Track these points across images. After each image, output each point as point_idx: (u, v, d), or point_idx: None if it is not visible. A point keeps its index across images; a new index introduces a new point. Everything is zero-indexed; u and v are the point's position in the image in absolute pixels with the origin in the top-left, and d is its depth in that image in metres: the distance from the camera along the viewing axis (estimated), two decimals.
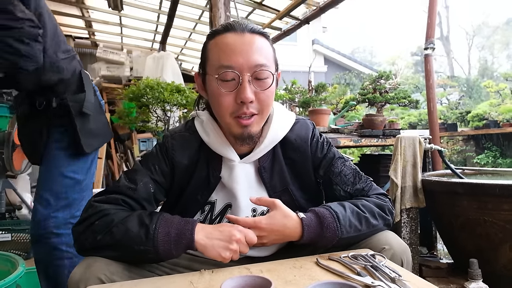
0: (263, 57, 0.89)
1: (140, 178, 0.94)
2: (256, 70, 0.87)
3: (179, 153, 0.99)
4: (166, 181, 0.98)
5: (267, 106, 0.92)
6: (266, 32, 0.95)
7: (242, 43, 0.88)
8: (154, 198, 0.96)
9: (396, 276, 0.72)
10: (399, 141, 2.12)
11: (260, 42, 0.90)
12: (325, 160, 1.04)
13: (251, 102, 0.88)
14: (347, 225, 0.88)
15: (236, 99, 0.88)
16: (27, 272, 1.41)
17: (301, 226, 0.86)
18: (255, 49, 0.88)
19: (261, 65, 0.88)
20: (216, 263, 1.01)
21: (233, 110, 0.90)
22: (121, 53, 5.73)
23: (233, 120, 0.91)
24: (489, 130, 6.76)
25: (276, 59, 0.96)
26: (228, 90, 0.88)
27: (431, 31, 2.76)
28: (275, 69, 0.94)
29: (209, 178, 0.99)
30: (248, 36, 0.89)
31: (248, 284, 0.69)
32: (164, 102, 3.13)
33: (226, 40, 0.89)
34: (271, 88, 0.90)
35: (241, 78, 0.87)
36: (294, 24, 4.70)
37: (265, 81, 0.89)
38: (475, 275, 1.71)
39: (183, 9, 4.77)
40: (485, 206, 1.76)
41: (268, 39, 0.95)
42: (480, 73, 17.29)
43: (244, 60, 0.87)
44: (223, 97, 0.89)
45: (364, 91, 2.90)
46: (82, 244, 0.84)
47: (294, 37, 11.94)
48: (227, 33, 0.90)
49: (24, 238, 2.55)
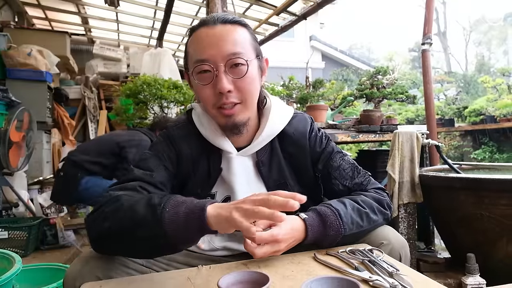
0: (237, 45, 0.89)
1: (153, 164, 0.94)
2: (230, 59, 0.88)
3: (184, 143, 0.99)
4: (174, 169, 0.98)
5: (249, 94, 0.92)
6: (241, 20, 0.94)
7: (213, 34, 0.88)
8: (170, 184, 0.96)
9: (393, 271, 0.72)
10: (397, 136, 2.12)
11: (233, 31, 0.90)
12: (323, 154, 1.04)
13: (229, 92, 0.89)
14: (349, 222, 0.88)
15: (215, 91, 0.89)
16: (23, 270, 1.40)
17: (305, 226, 0.86)
18: (227, 39, 0.88)
19: (234, 53, 0.88)
20: (214, 258, 1.02)
21: (214, 101, 0.91)
22: (118, 50, 5.71)
23: (216, 111, 0.92)
24: (486, 126, 6.79)
25: (255, 46, 0.95)
26: (205, 83, 0.89)
27: (429, 27, 2.75)
28: (255, 56, 0.93)
29: (210, 171, 0.99)
30: (220, 28, 0.89)
31: (245, 280, 0.69)
32: (161, 98, 3.12)
33: (200, 34, 0.90)
34: (248, 75, 0.90)
35: (215, 69, 0.88)
36: (291, 20, 4.69)
37: (240, 69, 0.89)
38: (472, 270, 1.72)
39: (179, 5, 4.76)
40: (482, 201, 1.77)
41: (246, 26, 0.94)
42: (477, 69, 17.29)
43: (216, 52, 0.87)
44: (202, 90, 0.91)
45: (361, 86, 2.89)
46: (93, 233, 0.79)
47: (292, 33, 11.90)
48: (201, 28, 0.91)
49: (21, 235, 2.54)
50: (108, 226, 0.76)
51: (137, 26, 5.68)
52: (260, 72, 0.97)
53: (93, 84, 5.22)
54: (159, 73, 4.32)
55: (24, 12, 5.03)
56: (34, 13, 5.26)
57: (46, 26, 5.68)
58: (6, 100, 3.08)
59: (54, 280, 1.65)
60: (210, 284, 0.72)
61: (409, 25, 32.45)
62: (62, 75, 5.08)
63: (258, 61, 0.95)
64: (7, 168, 2.82)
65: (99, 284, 0.75)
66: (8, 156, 2.74)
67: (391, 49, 21.68)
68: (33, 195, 3.34)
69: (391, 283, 0.67)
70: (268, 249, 0.79)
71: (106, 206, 0.80)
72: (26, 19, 5.17)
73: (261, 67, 0.98)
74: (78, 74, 5.44)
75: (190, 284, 0.73)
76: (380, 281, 0.69)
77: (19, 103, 3.17)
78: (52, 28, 5.65)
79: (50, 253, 2.67)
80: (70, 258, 2.51)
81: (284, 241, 0.81)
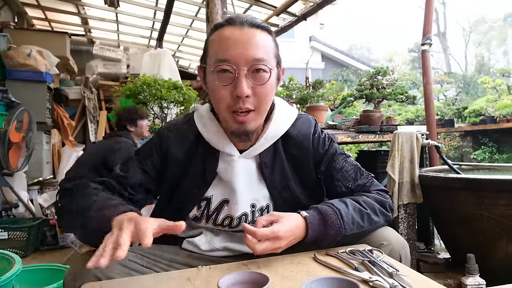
0: (262, 51, 0.87)
1: (130, 167, 0.97)
2: (253, 64, 0.86)
3: (174, 146, 0.99)
4: (156, 172, 0.99)
5: (264, 102, 0.91)
6: (268, 27, 0.93)
7: (240, 36, 0.86)
8: (143, 187, 0.97)
9: (393, 271, 0.72)
10: (397, 137, 2.12)
11: (259, 36, 0.88)
12: (326, 156, 1.03)
13: (247, 97, 0.87)
14: (350, 222, 0.88)
15: (233, 93, 0.87)
16: (23, 270, 1.40)
17: (305, 224, 0.85)
18: (253, 43, 0.87)
19: (259, 59, 0.86)
20: (214, 259, 1.02)
21: (229, 104, 0.88)
22: (118, 50, 5.71)
23: (229, 114, 0.90)
24: (486, 126, 6.79)
25: (277, 54, 0.94)
26: (224, 83, 0.87)
27: (428, 27, 2.75)
28: (276, 65, 0.93)
29: (205, 173, 0.98)
30: (247, 30, 0.87)
31: (245, 280, 0.69)
32: (161, 99, 3.12)
33: (225, 33, 0.88)
34: (268, 83, 0.89)
35: (237, 72, 0.85)
36: (291, 21, 4.70)
37: (262, 76, 0.88)
38: (472, 270, 1.72)
39: (179, 6, 4.76)
40: (482, 201, 1.77)
41: (271, 33, 0.93)
42: (477, 69, 17.30)
43: (241, 54, 0.85)
44: (219, 91, 0.88)
45: (361, 87, 2.90)
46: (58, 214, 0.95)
47: (291, 33, 11.91)
48: (227, 26, 0.89)
49: (21, 236, 2.54)
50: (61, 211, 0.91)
51: (137, 26, 5.68)
52: (277, 80, 0.96)
53: (93, 85, 5.22)
54: (159, 73, 4.32)
55: (24, 12, 5.03)
56: (34, 13, 5.27)
57: (46, 26, 5.68)
58: (6, 101, 3.08)
59: (54, 281, 1.65)
60: (210, 284, 0.72)
61: (409, 26, 32.44)
62: (62, 75, 5.08)
63: (277, 70, 0.94)
64: (7, 168, 2.82)
65: (99, 284, 0.75)
66: (8, 156, 2.74)
67: (391, 49, 21.71)
68: (33, 196, 3.34)
69: (391, 283, 0.67)
70: (269, 245, 0.79)
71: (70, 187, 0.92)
72: (26, 19, 5.17)
73: (278, 75, 0.96)
74: (78, 75, 5.44)
75: (190, 284, 0.73)
76: (380, 281, 0.69)
77: (19, 103, 3.17)
78: (52, 28, 5.66)
79: (50, 254, 2.67)
80: (69, 259, 2.51)
81: (284, 238, 0.81)
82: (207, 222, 1.01)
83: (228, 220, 1.00)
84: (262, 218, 0.84)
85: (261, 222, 0.83)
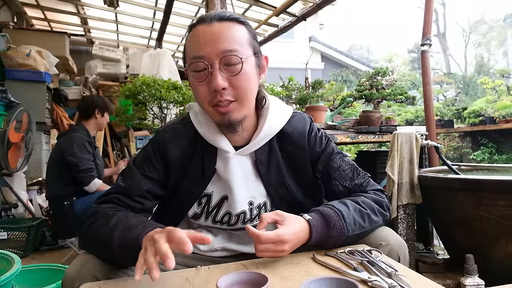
0: (232, 42, 0.88)
1: (132, 177, 0.96)
2: (224, 56, 0.87)
3: (171, 147, 0.98)
4: (160, 177, 0.98)
5: (244, 92, 0.90)
6: (239, 17, 0.94)
7: (209, 32, 0.88)
8: (150, 194, 0.96)
9: (392, 271, 0.72)
10: (396, 137, 2.12)
11: (229, 28, 0.89)
12: (324, 155, 1.03)
13: (224, 89, 0.87)
14: (352, 223, 0.88)
15: (210, 88, 0.88)
16: (23, 270, 1.40)
17: (309, 227, 0.85)
18: (223, 36, 0.87)
19: (229, 50, 0.87)
20: (213, 259, 1.02)
21: (209, 99, 0.90)
22: (117, 51, 5.70)
23: (212, 108, 0.91)
24: (485, 127, 6.79)
25: (253, 43, 0.94)
26: (201, 80, 0.89)
27: (428, 28, 2.75)
28: (252, 53, 0.92)
29: (204, 170, 0.98)
30: (216, 25, 0.88)
31: (244, 280, 0.69)
32: (160, 99, 3.11)
33: (197, 32, 0.90)
34: (242, 72, 0.88)
35: (210, 66, 0.87)
36: (290, 21, 4.69)
37: (235, 66, 0.88)
38: (471, 271, 1.72)
39: (179, 6, 4.76)
40: (481, 202, 1.77)
41: (244, 24, 0.93)
42: (477, 70, 17.31)
43: (211, 49, 0.86)
44: (198, 87, 0.90)
45: (361, 87, 2.90)
46: (81, 246, 0.89)
47: (291, 34, 11.91)
48: (198, 25, 0.90)
49: (20, 236, 2.54)
50: (86, 240, 0.88)
51: (137, 26, 5.68)
52: (258, 70, 0.95)
53: (92, 85, 5.22)
54: (158, 73, 4.32)
55: (23, 12, 5.03)
56: (33, 13, 5.26)
57: (45, 26, 5.68)
58: (5, 101, 3.08)
59: (53, 281, 1.65)
60: (209, 284, 0.72)
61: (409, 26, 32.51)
62: (61, 75, 5.08)
63: (256, 59, 0.94)
64: (6, 169, 2.82)
65: (98, 284, 0.75)
66: (7, 156, 2.74)
67: (390, 50, 21.72)
68: (32, 196, 3.34)
69: (389, 283, 0.67)
70: (272, 248, 0.79)
71: (86, 221, 0.89)
72: (25, 19, 5.17)
73: (260, 64, 0.96)
74: (77, 75, 5.44)
75: (189, 284, 0.73)
76: (378, 281, 0.69)
77: (18, 103, 3.16)
78: (51, 28, 5.65)
79: (49, 254, 2.67)
80: (69, 259, 2.51)
81: (289, 241, 0.81)
82: (206, 219, 1.01)
83: (227, 217, 1.00)
84: (268, 216, 0.85)
85: (266, 220, 0.83)
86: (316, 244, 0.87)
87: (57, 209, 2.47)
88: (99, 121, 2.71)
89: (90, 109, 2.66)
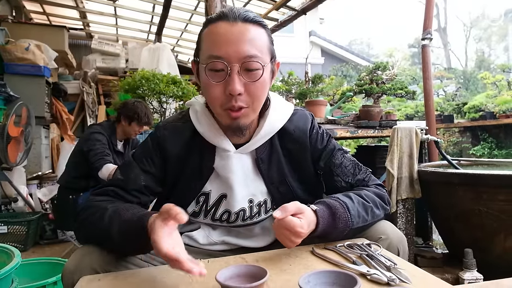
0: (255, 47, 0.85)
1: (130, 171, 0.95)
2: (246, 61, 0.84)
3: (171, 144, 0.98)
4: (158, 172, 0.97)
5: (257, 99, 0.89)
6: (262, 21, 0.91)
7: (232, 32, 0.84)
8: (147, 189, 0.96)
9: (391, 265, 0.72)
10: (396, 132, 2.11)
11: (252, 32, 0.86)
12: (325, 152, 1.03)
13: (239, 95, 0.85)
14: (356, 215, 0.88)
15: (225, 91, 0.85)
16: (23, 264, 1.40)
17: (316, 218, 0.84)
18: (246, 39, 0.84)
19: (251, 56, 0.84)
20: (212, 253, 1.02)
21: (222, 102, 0.87)
22: (117, 45, 5.69)
23: (223, 111, 0.89)
24: (485, 122, 6.78)
25: (272, 49, 0.92)
26: (217, 80, 0.85)
27: (429, 22, 2.74)
28: (270, 60, 0.90)
29: (202, 169, 0.98)
30: (240, 26, 0.85)
31: (243, 273, 0.69)
32: (160, 93, 3.11)
33: (217, 29, 0.86)
34: (261, 80, 0.87)
35: (229, 68, 0.84)
36: (291, 15, 4.67)
37: (255, 73, 0.85)
38: (469, 265, 1.73)
39: (178, 0, 4.73)
40: (480, 197, 1.77)
41: (265, 28, 0.91)
42: (477, 65, 17.29)
43: (233, 51, 0.83)
44: (212, 88, 0.86)
45: (361, 82, 2.89)
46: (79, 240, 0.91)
47: (291, 28, 11.85)
48: (219, 21, 0.86)
49: (20, 230, 2.54)
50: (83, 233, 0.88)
51: (136, 20, 5.65)
52: (271, 75, 0.94)
53: (91, 79, 5.21)
54: (157, 68, 4.31)
55: (22, 6, 5.00)
56: (32, 7, 5.23)
57: (44, 20, 5.64)
58: (4, 95, 3.07)
59: (53, 274, 1.65)
60: (208, 277, 0.72)
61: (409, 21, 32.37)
62: (61, 70, 5.06)
63: (271, 65, 0.92)
64: (6, 163, 2.82)
65: (97, 277, 0.75)
66: (6, 151, 2.73)
67: (390, 45, 21.69)
68: (32, 190, 3.34)
69: (388, 277, 0.68)
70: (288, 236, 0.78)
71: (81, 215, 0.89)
72: (24, 13, 5.14)
73: (273, 70, 0.94)
74: (77, 69, 5.42)
75: (188, 277, 0.73)
76: (378, 275, 0.69)
77: (17, 98, 3.16)
78: (50, 22, 5.62)
79: (49, 248, 2.68)
80: (68, 253, 2.52)
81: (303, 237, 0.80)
82: (205, 217, 1.01)
83: (226, 215, 1.00)
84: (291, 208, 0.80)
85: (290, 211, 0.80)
86: (319, 236, 0.87)
87: (62, 199, 2.49)
88: (125, 129, 2.53)
89: (118, 114, 2.53)
